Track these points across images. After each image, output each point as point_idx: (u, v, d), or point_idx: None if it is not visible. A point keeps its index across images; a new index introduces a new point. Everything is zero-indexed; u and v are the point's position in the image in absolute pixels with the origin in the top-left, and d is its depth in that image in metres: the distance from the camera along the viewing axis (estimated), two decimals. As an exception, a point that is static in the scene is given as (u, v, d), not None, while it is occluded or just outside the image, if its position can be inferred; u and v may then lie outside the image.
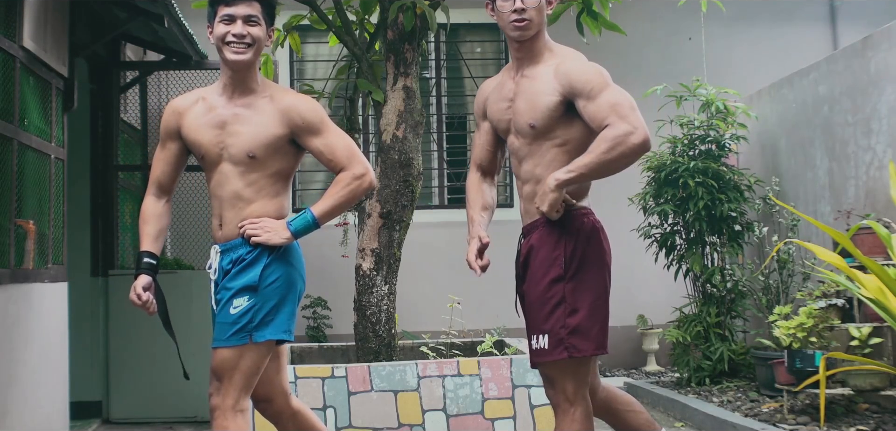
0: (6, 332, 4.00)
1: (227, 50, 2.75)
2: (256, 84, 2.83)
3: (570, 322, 2.61)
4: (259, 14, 2.79)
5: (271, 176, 2.79)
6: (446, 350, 4.89)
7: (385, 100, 4.65)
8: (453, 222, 7.98)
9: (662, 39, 8.19)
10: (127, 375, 5.76)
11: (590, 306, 2.63)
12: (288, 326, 2.77)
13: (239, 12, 2.75)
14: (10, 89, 4.14)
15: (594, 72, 2.69)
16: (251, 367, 2.69)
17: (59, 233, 4.71)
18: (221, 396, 2.67)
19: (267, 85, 2.87)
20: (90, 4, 5.16)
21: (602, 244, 2.72)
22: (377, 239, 4.58)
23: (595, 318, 2.63)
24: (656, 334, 7.66)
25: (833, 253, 4.52)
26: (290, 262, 2.80)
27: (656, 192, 6.59)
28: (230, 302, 2.70)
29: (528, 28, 2.75)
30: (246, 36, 2.75)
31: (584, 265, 2.65)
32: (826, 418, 4.79)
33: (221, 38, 2.76)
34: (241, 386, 2.68)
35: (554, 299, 2.64)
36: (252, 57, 2.78)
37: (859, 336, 4.84)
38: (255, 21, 2.77)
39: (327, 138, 2.81)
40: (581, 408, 2.63)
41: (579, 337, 2.60)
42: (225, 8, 2.77)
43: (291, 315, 2.78)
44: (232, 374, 2.67)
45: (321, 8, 4.89)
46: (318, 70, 8.17)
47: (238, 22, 2.75)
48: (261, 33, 2.79)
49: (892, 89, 5.61)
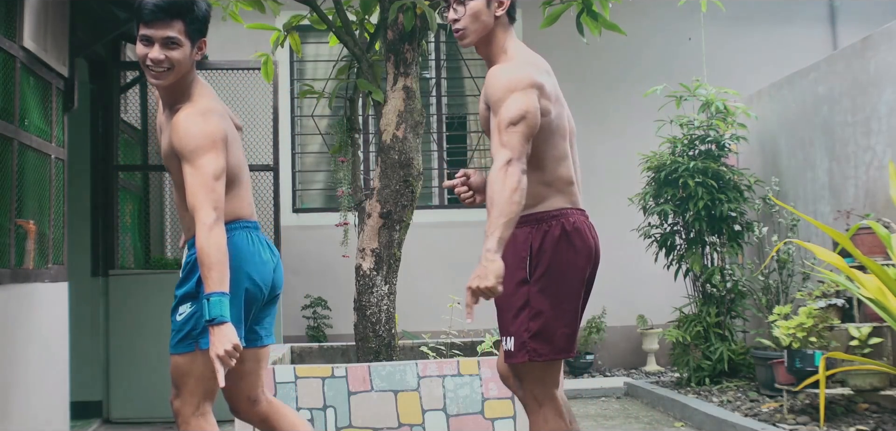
0: (6, 332, 4.00)
1: (147, 73, 2.61)
2: (184, 96, 2.66)
3: (533, 325, 2.59)
4: (180, 34, 2.57)
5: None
6: (446, 350, 4.89)
7: (385, 100, 4.65)
8: (453, 222, 7.99)
9: (662, 39, 8.19)
10: (127, 375, 5.76)
11: (553, 310, 2.60)
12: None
13: (156, 35, 2.55)
14: (10, 89, 4.15)
15: (499, 85, 2.56)
16: (204, 372, 2.62)
17: (60, 233, 4.71)
18: (181, 401, 2.69)
19: (194, 96, 2.68)
20: (90, 4, 5.16)
21: (571, 248, 2.63)
22: (377, 239, 4.58)
23: (558, 322, 2.60)
24: (656, 334, 7.67)
25: (833, 253, 4.52)
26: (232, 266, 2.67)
27: (656, 192, 6.59)
28: (176, 309, 2.70)
29: (463, 36, 2.72)
30: (163, 61, 2.56)
31: (549, 269, 2.61)
32: (826, 418, 4.79)
33: (142, 59, 2.58)
34: (198, 392, 2.67)
35: (518, 302, 2.62)
36: (172, 80, 2.61)
37: (859, 336, 4.84)
38: (175, 43, 2.56)
39: (187, 171, 2.54)
40: (549, 408, 2.65)
41: (540, 341, 2.59)
42: (143, 28, 2.57)
43: (236, 320, 2.63)
44: (187, 380, 2.67)
45: (321, 8, 4.89)
46: (318, 70, 8.17)
47: (155, 46, 2.55)
48: (182, 55, 2.58)
49: (891, 89, 5.61)
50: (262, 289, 2.75)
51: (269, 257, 2.79)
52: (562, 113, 2.74)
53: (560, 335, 2.60)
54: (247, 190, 2.79)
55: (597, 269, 2.79)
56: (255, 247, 2.74)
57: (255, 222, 2.81)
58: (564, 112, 2.76)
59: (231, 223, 2.69)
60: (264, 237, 2.83)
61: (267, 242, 2.82)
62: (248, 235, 2.74)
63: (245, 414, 2.91)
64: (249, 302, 2.72)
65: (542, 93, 2.61)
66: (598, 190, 7.01)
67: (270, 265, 2.78)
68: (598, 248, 2.76)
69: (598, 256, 2.76)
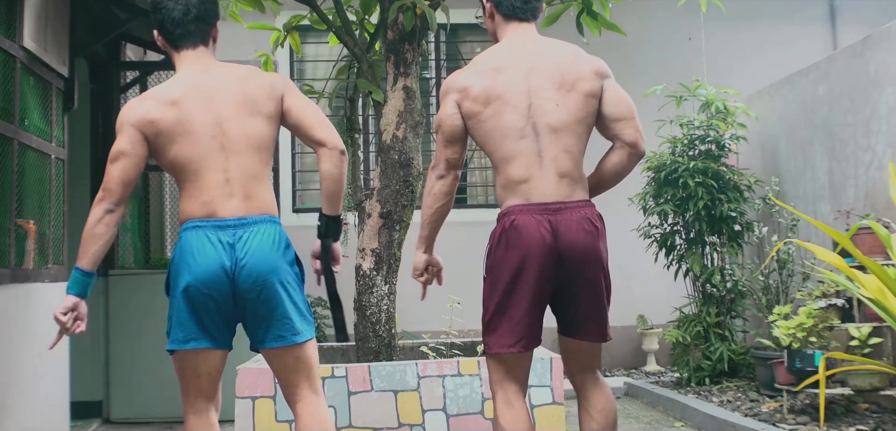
0: (6, 332, 4.00)
1: None
2: None
3: (483, 320, 2.77)
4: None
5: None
6: (446, 350, 4.89)
7: (385, 100, 4.66)
8: (453, 222, 7.93)
9: (662, 39, 8.19)
10: (127, 375, 5.76)
11: (494, 306, 2.72)
12: (173, 334, 2.66)
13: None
14: (10, 89, 4.15)
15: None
16: (179, 370, 2.72)
17: (60, 233, 4.71)
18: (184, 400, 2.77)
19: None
20: (90, 4, 5.16)
21: (503, 245, 2.68)
22: (377, 239, 4.58)
23: (498, 318, 2.71)
24: (656, 334, 7.67)
25: (833, 253, 4.52)
26: (172, 269, 2.68)
27: (656, 192, 6.59)
28: None
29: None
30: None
31: (491, 267, 2.73)
32: (826, 418, 4.79)
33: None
34: (184, 390, 2.73)
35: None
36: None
37: (859, 336, 4.84)
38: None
39: None
40: (498, 398, 2.75)
41: (487, 334, 2.75)
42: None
43: (174, 322, 2.63)
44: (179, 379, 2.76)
45: (321, 8, 4.89)
46: (318, 70, 8.17)
47: None
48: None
49: (891, 89, 5.61)
50: (209, 287, 2.59)
51: (215, 254, 2.58)
52: (502, 110, 2.71)
53: (502, 330, 2.70)
54: (203, 187, 2.63)
55: (575, 266, 2.66)
56: (197, 245, 2.59)
57: (212, 220, 2.62)
58: (512, 107, 2.71)
59: (182, 224, 2.67)
60: (226, 235, 2.61)
61: (224, 240, 2.60)
62: (195, 234, 2.61)
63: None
64: (199, 301, 2.60)
65: (464, 95, 2.76)
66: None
67: (216, 262, 2.58)
68: (552, 244, 2.63)
69: (550, 253, 2.63)
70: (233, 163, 2.65)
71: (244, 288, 2.61)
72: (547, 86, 2.73)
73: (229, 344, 2.74)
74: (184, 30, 2.74)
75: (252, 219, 2.65)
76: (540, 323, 2.76)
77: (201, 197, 2.64)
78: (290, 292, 2.68)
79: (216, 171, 2.65)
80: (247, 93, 2.70)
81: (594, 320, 2.77)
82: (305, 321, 2.74)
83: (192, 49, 2.76)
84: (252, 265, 2.60)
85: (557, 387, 4.34)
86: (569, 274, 2.69)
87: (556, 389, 4.33)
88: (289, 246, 2.72)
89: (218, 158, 2.65)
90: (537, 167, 2.70)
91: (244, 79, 2.73)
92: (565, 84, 2.74)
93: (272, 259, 2.63)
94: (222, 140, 2.65)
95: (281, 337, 2.68)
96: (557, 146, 2.71)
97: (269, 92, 2.72)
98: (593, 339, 2.80)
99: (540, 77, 2.74)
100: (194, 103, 2.66)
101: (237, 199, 2.65)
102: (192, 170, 2.65)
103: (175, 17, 2.72)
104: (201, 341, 2.64)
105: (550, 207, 2.67)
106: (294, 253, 2.74)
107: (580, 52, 2.85)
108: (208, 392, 2.72)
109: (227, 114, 2.66)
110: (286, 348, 2.69)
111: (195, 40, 2.76)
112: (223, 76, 2.73)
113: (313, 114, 2.75)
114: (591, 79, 2.78)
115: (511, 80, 2.74)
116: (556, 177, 2.69)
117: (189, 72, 2.72)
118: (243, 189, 2.66)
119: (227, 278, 2.60)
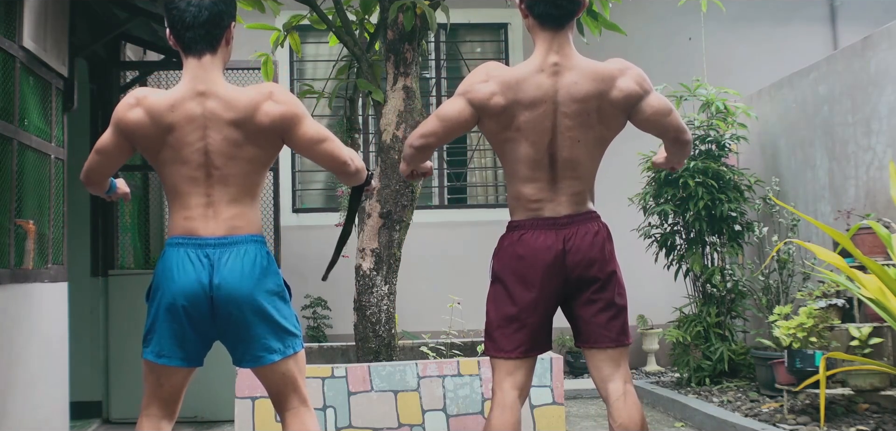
0: (6, 332, 4.00)
1: None
2: None
3: (486, 324, 2.83)
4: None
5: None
6: (446, 350, 4.89)
7: (385, 100, 4.65)
8: (453, 222, 7.99)
9: (662, 39, 8.19)
10: (127, 375, 5.76)
11: (498, 312, 2.78)
12: (150, 345, 2.70)
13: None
14: (10, 89, 4.14)
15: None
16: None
17: (59, 233, 4.71)
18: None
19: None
20: (90, 4, 5.16)
21: (504, 253, 2.77)
22: (377, 239, 4.58)
23: (494, 324, 2.79)
24: (656, 334, 7.67)
25: (833, 253, 4.52)
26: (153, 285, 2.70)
27: (656, 192, 6.59)
28: None
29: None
30: None
31: (499, 273, 2.79)
32: (826, 418, 4.79)
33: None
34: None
35: None
36: None
37: (859, 336, 4.84)
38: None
39: None
40: (494, 400, 2.77)
41: (489, 339, 2.81)
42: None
43: (151, 333, 2.69)
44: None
45: (321, 8, 4.89)
46: (318, 70, 8.17)
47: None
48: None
49: (892, 89, 5.61)
50: (188, 303, 2.60)
51: (194, 272, 2.58)
52: (520, 140, 2.67)
53: (496, 335, 2.77)
54: (185, 205, 2.63)
55: (584, 275, 2.70)
56: (177, 262, 2.60)
57: (193, 238, 2.61)
58: (530, 143, 2.68)
59: (167, 239, 2.69)
60: (205, 254, 2.60)
61: (203, 258, 2.60)
62: (176, 251, 2.62)
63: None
64: (177, 317, 2.62)
65: (483, 111, 2.69)
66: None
67: (194, 280, 2.58)
68: (560, 256, 2.67)
69: (557, 263, 2.67)
70: (218, 188, 2.63)
71: (220, 307, 2.61)
72: (572, 125, 2.67)
73: (200, 362, 2.74)
74: (193, 34, 2.64)
75: (232, 239, 2.62)
76: (546, 332, 2.78)
77: (184, 213, 2.64)
78: (267, 313, 2.64)
79: (200, 195, 2.63)
80: (244, 128, 2.62)
81: (608, 326, 2.76)
82: (283, 339, 2.69)
83: (197, 59, 2.66)
84: (227, 287, 2.59)
85: (557, 387, 4.34)
86: (579, 283, 2.72)
87: (556, 389, 4.33)
88: (270, 264, 2.68)
89: (203, 185, 2.62)
90: (550, 191, 2.72)
91: (245, 112, 2.62)
92: (590, 122, 2.68)
93: (247, 282, 2.60)
94: (209, 169, 2.62)
95: (257, 357, 2.67)
96: (573, 174, 2.72)
97: (269, 126, 2.64)
98: (607, 345, 2.76)
99: (567, 117, 2.66)
100: (185, 131, 2.60)
101: (218, 220, 2.63)
102: (178, 191, 2.65)
103: (186, 20, 2.64)
104: (173, 359, 2.69)
105: (560, 221, 2.71)
106: (276, 270, 2.69)
107: (616, 77, 2.68)
108: (166, 402, 2.77)
109: (218, 148, 2.61)
110: (264, 366, 2.70)
111: (202, 48, 2.66)
112: (222, 103, 2.63)
113: (329, 157, 2.75)
114: (622, 111, 2.72)
115: (535, 117, 2.66)
116: (568, 198, 2.73)
117: (189, 90, 2.65)
118: (226, 210, 2.64)
119: (205, 296, 2.60)
